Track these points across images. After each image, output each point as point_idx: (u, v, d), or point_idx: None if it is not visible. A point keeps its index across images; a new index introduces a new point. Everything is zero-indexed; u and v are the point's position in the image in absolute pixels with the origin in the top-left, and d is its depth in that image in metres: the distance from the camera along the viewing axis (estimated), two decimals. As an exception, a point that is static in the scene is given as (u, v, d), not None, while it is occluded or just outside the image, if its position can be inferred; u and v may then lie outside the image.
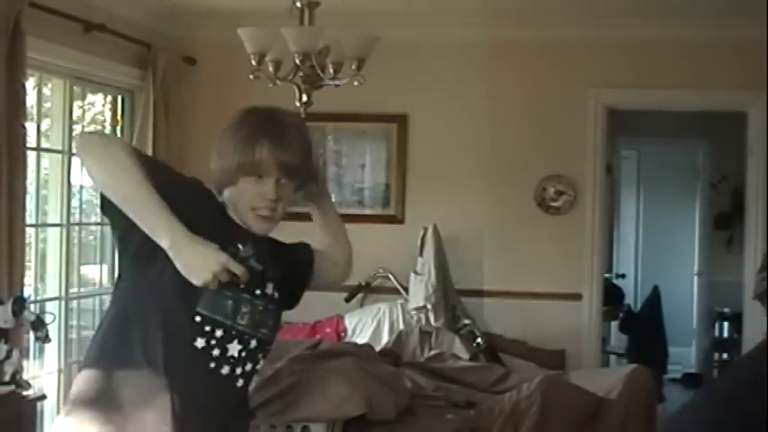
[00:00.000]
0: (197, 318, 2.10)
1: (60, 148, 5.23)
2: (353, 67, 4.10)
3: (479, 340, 5.66)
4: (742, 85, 5.83)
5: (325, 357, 4.45)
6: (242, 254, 2.14)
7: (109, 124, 5.99)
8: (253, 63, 4.07)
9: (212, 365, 2.13)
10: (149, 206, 2.03)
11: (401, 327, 5.72)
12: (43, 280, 5.25)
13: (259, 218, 2.20)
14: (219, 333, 2.13)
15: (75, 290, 5.48)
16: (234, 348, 2.15)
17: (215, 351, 2.13)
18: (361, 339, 5.64)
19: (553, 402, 4.24)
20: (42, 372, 5.12)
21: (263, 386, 4.09)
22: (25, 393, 4.20)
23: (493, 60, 6.09)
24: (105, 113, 6.03)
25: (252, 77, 4.07)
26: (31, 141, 4.82)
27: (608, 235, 7.48)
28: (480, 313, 5.96)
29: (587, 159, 6.03)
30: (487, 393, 4.72)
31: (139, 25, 5.77)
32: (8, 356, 4.09)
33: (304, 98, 4.19)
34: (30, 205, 4.84)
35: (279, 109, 2.28)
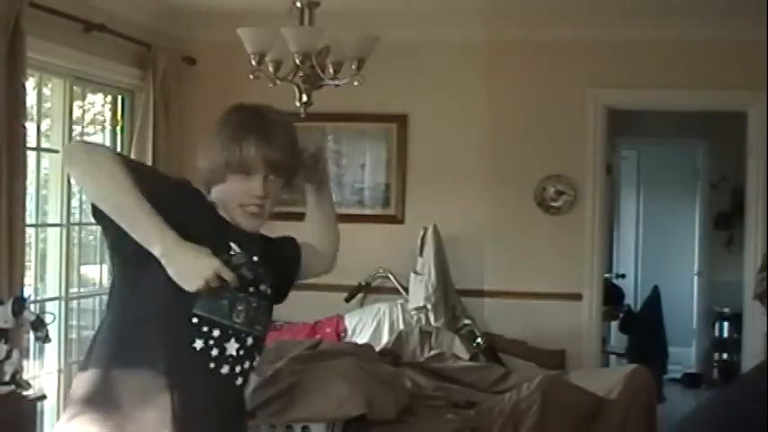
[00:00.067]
0: (194, 319, 2.11)
1: (60, 148, 5.23)
2: (353, 67, 4.10)
3: (479, 340, 5.66)
4: (742, 85, 5.83)
5: (325, 357, 4.45)
6: (234, 261, 2.14)
7: (109, 124, 5.99)
8: (253, 63, 4.06)
9: (212, 366, 2.14)
10: (139, 215, 2.03)
11: (401, 327, 5.71)
12: (43, 280, 5.24)
13: (248, 215, 2.22)
14: (217, 333, 2.14)
15: (75, 290, 5.48)
16: (232, 347, 2.16)
17: (214, 351, 2.14)
18: (361, 339, 5.64)
19: (553, 402, 4.24)
20: (42, 372, 5.11)
21: (263, 386, 4.09)
22: (25, 393, 4.19)
23: (493, 60, 6.08)
24: (105, 113, 6.03)
25: (252, 77, 4.07)
26: (31, 141, 4.82)
27: (608, 235, 7.48)
28: (480, 313, 5.96)
29: (587, 159, 6.02)
30: (487, 393, 4.72)
31: (139, 25, 5.77)
32: (8, 356, 4.09)
33: (304, 98, 4.19)
34: (30, 205, 4.84)
35: (265, 106, 2.29)
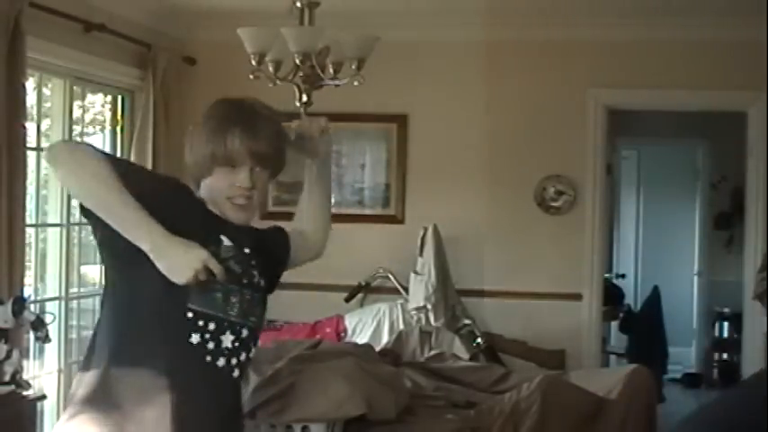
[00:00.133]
0: (189, 314, 2.12)
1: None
2: (353, 67, 4.10)
3: (479, 340, 5.66)
4: (742, 85, 5.83)
5: (325, 357, 4.45)
6: (223, 254, 2.16)
7: (109, 124, 5.99)
8: (253, 63, 4.06)
9: (208, 359, 2.15)
10: (125, 211, 2.03)
11: (401, 327, 5.71)
12: (43, 280, 5.24)
13: (236, 207, 2.22)
14: (212, 326, 2.14)
15: (75, 290, 5.48)
16: (227, 340, 2.17)
17: (210, 344, 2.14)
18: (361, 339, 5.64)
19: (553, 402, 4.24)
20: (42, 372, 5.11)
21: (263, 386, 4.09)
22: (25, 393, 4.19)
23: (493, 60, 6.08)
24: (105, 113, 6.03)
25: (252, 77, 4.06)
26: (31, 141, 4.82)
27: (608, 235, 7.47)
28: (480, 313, 5.95)
29: (587, 159, 6.02)
30: (487, 393, 4.72)
31: (139, 25, 5.77)
32: (8, 356, 4.09)
33: (304, 98, 4.18)
34: (30, 205, 4.84)
35: (250, 99, 2.30)
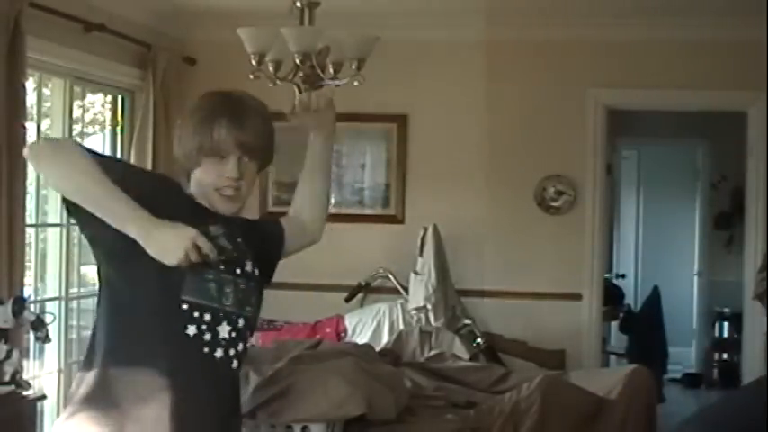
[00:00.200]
0: (184, 305, 2.12)
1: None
2: (353, 67, 4.09)
3: (479, 340, 5.66)
4: (742, 85, 5.83)
5: (325, 357, 4.45)
6: (212, 233, 2.17)
7: (109, 124, 5.99)
8: (253, 63, 4.05)
9: (206, 350, 2.15)
10: (110, 198, 2.04)
11: (401, 327, 5.71)
12: (43, 280, 5.25)
13: (224, 198, 2.23)
14: (208, 317, 2.15)
15: (75, 290, 5.48)
16: (224, 330, 2.17)
17: (206, 336, 2.15)
18: (361, 339, 5.64)
19: (553, 402, 4.24)
20: (42, 372, 5.11)
21: (263, 386, 4.09)
22: (25, 393, 4.19)
23: (492, 60, 6.08)
24: (105, 113, 6.03)
25: (252, 77, 4.05)
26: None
27: (608, 235, 7.48)
28: (480, 313, 5.95)
29: (587, 159, 6.03)
30: (487, 393, 4.71)
31: (139, 25, 5.77)
32: (8, 356, 4.09)
33: (304, 98, 4.18)
34: (30, 205, 4.84)
35: (237, 91, 2.31)
